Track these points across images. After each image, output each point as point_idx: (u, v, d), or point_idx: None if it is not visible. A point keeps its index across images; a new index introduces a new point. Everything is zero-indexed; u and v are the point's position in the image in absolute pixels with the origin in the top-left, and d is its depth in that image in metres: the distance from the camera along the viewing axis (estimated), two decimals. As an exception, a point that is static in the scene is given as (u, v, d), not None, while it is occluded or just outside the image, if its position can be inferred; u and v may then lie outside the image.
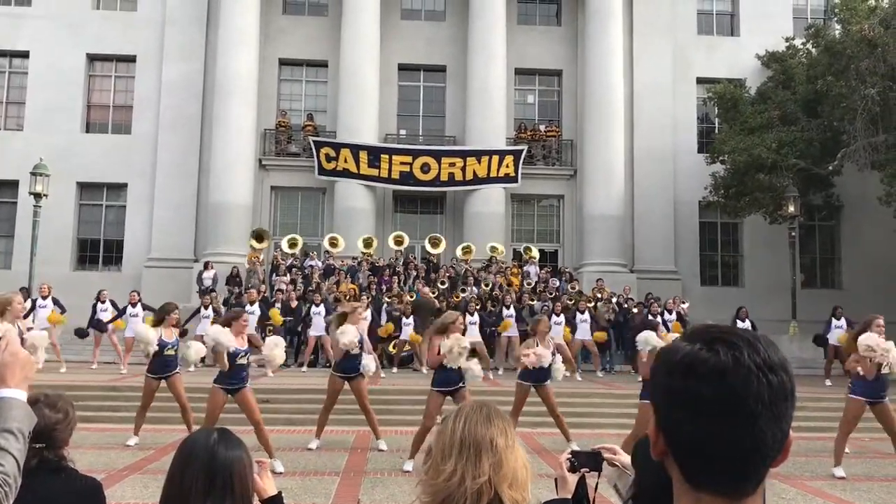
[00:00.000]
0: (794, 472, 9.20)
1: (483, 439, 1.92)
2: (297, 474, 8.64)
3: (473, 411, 2.00)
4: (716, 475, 1.12)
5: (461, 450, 1.91)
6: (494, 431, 1.95)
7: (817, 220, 26.56)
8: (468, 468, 1.88)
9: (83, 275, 24.44)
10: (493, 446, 1.91)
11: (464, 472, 1.88)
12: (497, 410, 2.04)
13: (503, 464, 1.90)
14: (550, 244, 26.48)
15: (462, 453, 1.90)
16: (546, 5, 27.66)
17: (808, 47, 23.72)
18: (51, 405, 2.81)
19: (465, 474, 1.87)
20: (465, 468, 1.88)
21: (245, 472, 2.17)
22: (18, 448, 1.80)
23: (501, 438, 1.94)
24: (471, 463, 1.89)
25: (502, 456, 1.91)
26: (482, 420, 1.97)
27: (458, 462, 1.89)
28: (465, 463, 1.89)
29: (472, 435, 1.92)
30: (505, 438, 1.95)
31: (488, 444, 1.91)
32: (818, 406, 13.56)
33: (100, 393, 13.14)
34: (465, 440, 1.92)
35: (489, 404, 2.07)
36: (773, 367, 1.10)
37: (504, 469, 1.90)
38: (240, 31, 24.25)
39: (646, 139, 25.93)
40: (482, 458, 1.89)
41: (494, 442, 1.92)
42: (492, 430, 1.95)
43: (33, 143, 23.69)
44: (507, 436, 1.96)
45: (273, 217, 25.79)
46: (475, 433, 1.93)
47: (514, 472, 1.92)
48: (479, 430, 1.93)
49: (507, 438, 1.96)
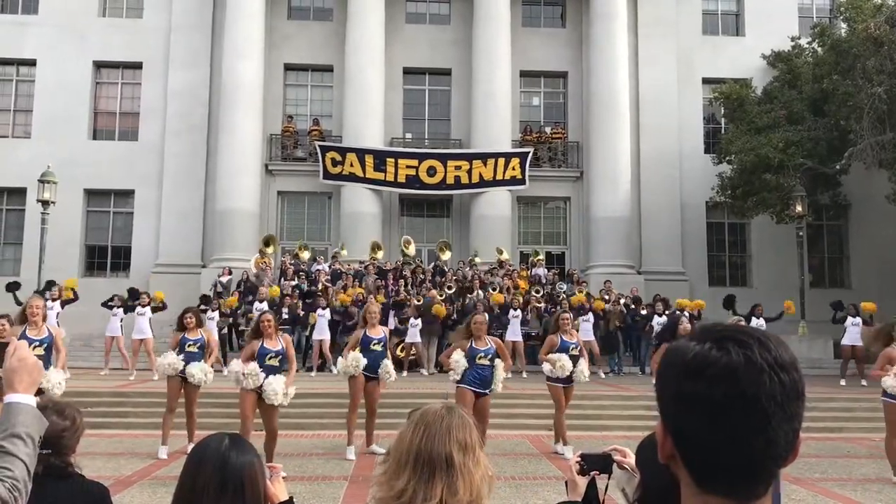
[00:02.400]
0: (805, 472, 9.15)
1: (439, 457, 1.84)
2: (306, 479, 8.64)
3: (434, 421, 1.91)
4: (726, 477, 1.10)
5: (415, 466, 1.84)
6: (452, 446, 1.86)
7: (825, 220, 26.44)
8: (419, 487, 1.81)
9: (91, 281, 24.45)
10: (450, 464, 1.84)
11: (415, 491, 1.81)
12: (461, 418, 1.95)
13: (457, 484, 1.83)
14: (557, 246, 26.44)
15: (416, 470, 1.84)
16: (550, 7, 27.65)
17: (813, 46, 23.66)
18: (59, 412, 2.82)
19: (416, 495, 1.81)
20: (417, 487, 1.81)
21: (256, 478, 2.17)
22: (28, 453, 1.79)
23: (459, 454, 1.86)
24: (423, 482, 1.82)
25: (458, 474, 1.84)
26: (441, 433, 1.88)
27: (412, 479, 1.83)
28: (416, 482, 1.82)
29: (428, 451, 1.85)
30: (464, 454, 1.87)
31: (444, 462, 1.84)
32: (828, 406, 13.50)
33: (108, 399, 13.17)
34: (420, 456, 1.85)
35: (454, 409, 1.99)
36: (785, 366, 1.09)
37: (459, 489, 1.83)
38: (245, 38, 24.31)
39: (652, 140, 25.88)
40: (435, 478, 1.82)
41: (452, 459, 1.84)
42: (450, 444, 1.87)
43: (41, 151, 23.78)
44: (466, 449, 1.88)
45: (280, 222, 25.83)
46: (431, 449, 1.85)
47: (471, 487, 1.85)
48: (435, 446, 1.86)
49: (467, 452, 1.88)
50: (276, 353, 8.91)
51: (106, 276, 25.13)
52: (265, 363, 8.85)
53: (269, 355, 8.87)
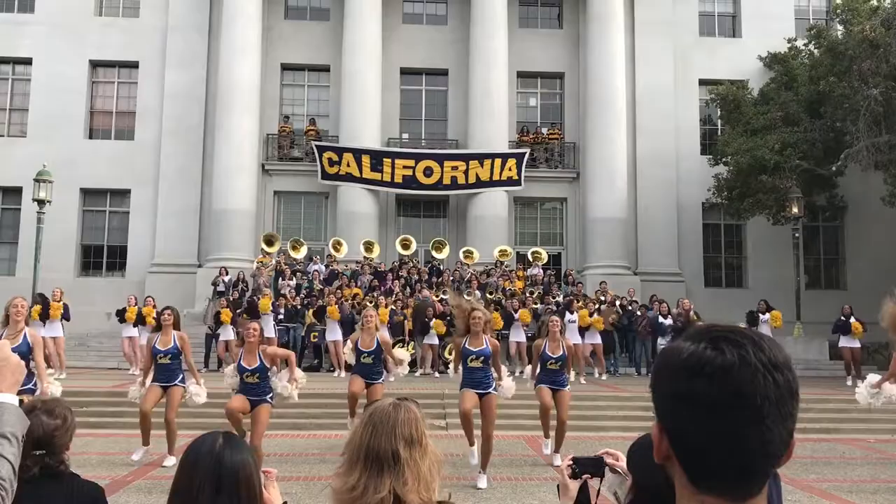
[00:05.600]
0: (800, 474, 9.17)
1: (385, 454, 2.00)
2: (302, 479, 8.63)
3: (382, 420, 2.07)
4: (721, 476, 1.10)
5: (365, 463, 2.00)
6: (398, 443, 2.02)
7: (821, 221, 26.49)
8: (370, 483, 1.98)
9: (87, 281, 24.48)
10: (397, 459, 2.00)
11: (366, 485, 1.97)
12: (407, 413, 2.10)
13: (405, 475, 1.99)
14: (554, 247, 26.45)
15: (366, 466, 2.00)
16: (547, 8, 27.67)
17: (810, 48, 23.70)
18: (48, 411, 2.79)
19: (367, 488, 1.97)
20: (368, 482, 1.98)
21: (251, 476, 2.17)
22: (13, 452, 1.79)
23: (405, 450, 2.02)
24: (373, 477, 1.98)
25: (404, 467, 2.00)
26: (387, 430, 2.04)
27: (362, 475, 1.99)
28: (367, 477, 1.98)
29: (375, 449, 2.01)
30: (409, 448, 2.02)
31: (391, 458, 2.00)
32: (823, 408, 13.53)
33: (104, 399, 13.15)
34: (370, 453, 2.01)
35: (401, 406, 2.13)
36: (779, 366, 1.09)
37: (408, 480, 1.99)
38: (242, 37, 24.30)
39: (648, 141, 25.91)
40: (384, 473, 1.99)
41: (398, 455, 2.00)
42: (395, 441, 2.02)
43: (36, 150, 23.71)
44: (412, 443, 2.04)
45: (276, 222, 25.80)
46: (378, 446, 2.01)
47: (418, 478, 2.00)
48: (382, 443, 2.02)
49: (413, 446, 2.03)
50: (251, 371, 8.54)
51: (102, 276, 25.10)
52: (244, 381, 8.59)
53: (246, 373, 8.55)
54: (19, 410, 1.88)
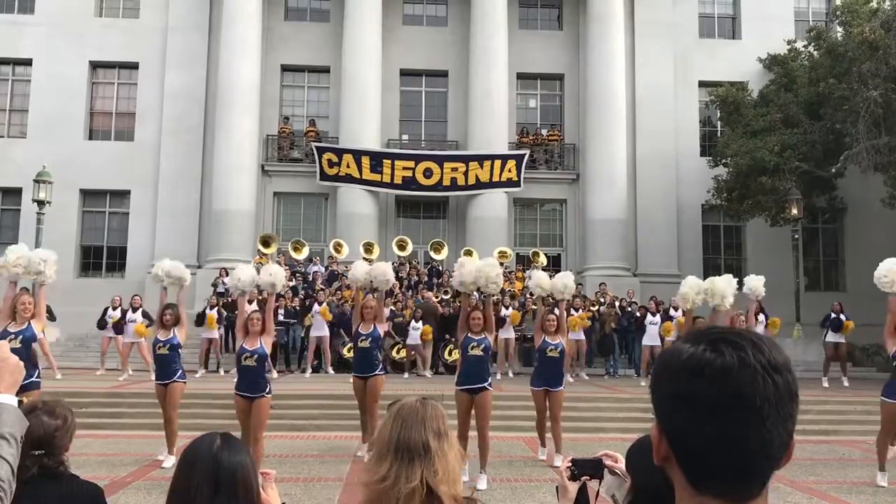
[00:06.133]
0: (799, 475, 9.17)
1: (416, 445, 2.07)
2: (301, 480, 8.63)
3: (411, 414, 2.15)
4: (721, 478, 1.10)
5: (396, 454, 2.07)
6: (428, 435, 2.10)
7: (820, 223, 26.50)
8: (401, 473, 2.04)
9: (87, 282, 24.46)
10: (427, 450, 2.07)
11: (397, 475, 2.03)
12: (434, 409, 2.19)
13: (436, 465, 2.06)
14: (553, 248, 26.44)
15: (396, 457, 2.06)
16: (547, 10, 27.68)
17: (809, 50, 23.71)
18: (49, 412, 2.80)
19: (399, 478, 2.03)
20: (399, 472, 2.04)
21: (249, 477, 2.17)
22: (11, 453, 1.79)
23: (434, 441, 2.10)
24: (404, 467, 2.04)
25: (435, 458, 2.07)
26: (417, 423, 2.12)
27: (393, 466, 2.05)
28: (398, 468, 2.04)
29: (406, 441, 2.08)
30: (438, 440, 2.11)
31: (421, 449, 2.07)
32: (822, 409, 13.54)
33: (103, 400, 13.14)
34: (400, 445, 2.08)
35: (428, 402, 2.22)
36: (778, 368, 1.10)
37: (438, 471, 2.06)
38: (242, 38, 24.30)
39: (648, 142, 25.91)
40: (415, 463, 2.05)
41: (428, 445, 2.08)
42: (426, 433, 2.10)
43: (36, 151, 23.70)
44: (440, 436, 2.12)
45: (276, 223, 25.79)
46: (409, 438, 2.08)
47: (446, 469, 2.08)
48: (412, 436, 2.09)
49: (440, 438, 2.12)
50: (251, 352, 8.64)
51: (101, 277, 25.09)
52: (242, 363, 8.68)
53: (246, 355, 8.63)
54: (18, 411, 1.88)
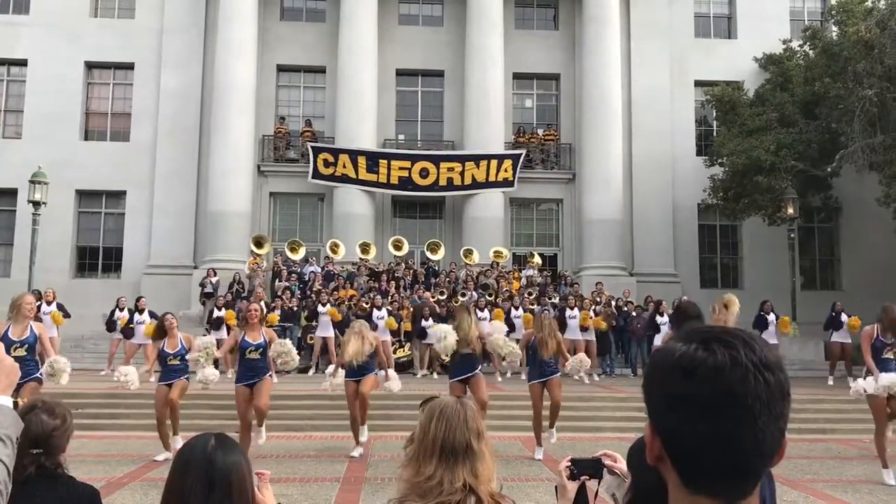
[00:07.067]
0: (796, 474, 9.18)
1: (460, 446, 2.17)
2: (297, 481, 8.62)
3: (454, 414, 2.23)
4: (714, 477, 1.11)
5: (441, 455, 2.16)
6: (470, 435, 2.20)
7: (816, 222, 26.56)
8: (446, 474, 2.13)
9: (82, 282, 24.43)
10: (470, 451, 2.17)
11: (442, 476, 2.13)
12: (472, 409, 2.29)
13: (478, 466, 2.16)
14: (550, 248, 26.47)
15: (442, 459, 2.16)
16: (543, 10, 27.69)
17: (805, 49, 23.76)
18: (48, 411, 2.81)
19: (444, 478, 2.13)
20: (444, 474, 2.13)
21: (244, 478, 2.16)
22: (7, 454, 1.79)
23: (476, 441, 2.19)
24: (449, 469, 2.14)
25: (476, 458, 2.17)
26: (461, 424, 2.21)
27: (438, 468, 2.14)
28: (444, 469, 2.14)
29: (451, 442, 2.17)
30: (478, 440, 2.20)
31: (464, 450, 2.17)
32: (819, 408, 13.55)
33: (100, 401, 13.12)
34: (445, 446, 2.17)
35: (466, 402, 2.31)
36: (770, 366, 1.10)
37: (480, 471, 2.16)
38: (238, 39, 24.27)
39: (644, 142, 25.94)
40: (458, 465, 2.15)
41: (470, 446, 2.18)
42: (468, 434, 2.19)
43: (32, 152, 23.64)
44: (479, 436, 2.22)
45: (272, 223, 25.79)
46: (454, 440, 2.17)
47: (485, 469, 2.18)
48: (457, 437, 2.18)
49: (480, 438, 2.22)
50: (256, 346, 8.78)
51: (97, 278, 25.04)
52: (245, 356, 8.78)
53: (250, 349, 8.75)
54: (14, 413, 1.87)
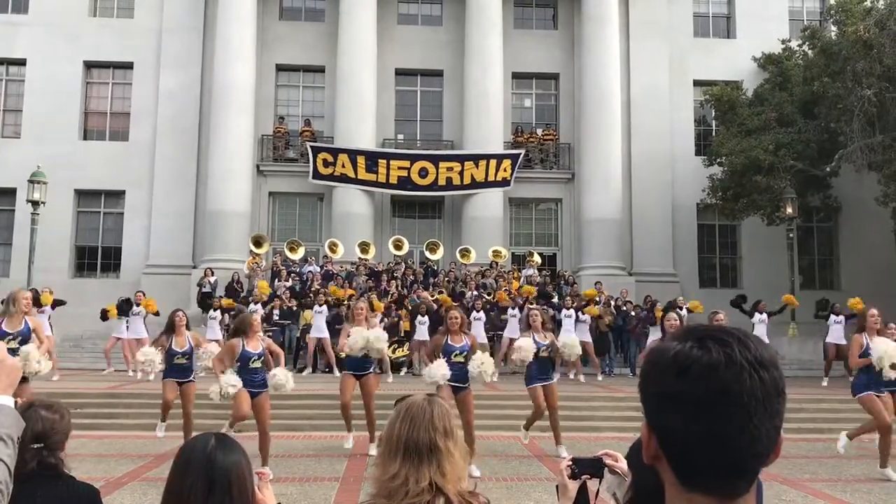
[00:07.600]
0: (794, 473, 9.19)
1: (424, 445, 2.14)
2: (297, 480, 8.62)
3: (419, 413, 2.21)
4: (710, 475, 1.11)
5: (405, 454, 2.14)
6: (436, 435, 2.16)
7: (815, 222, 26.58)
8: (411, 472, 2.12)
9: (81, 282, 24.41)
10: (435, 450, 2.15)
11: (407, 475, 2.11)
12: (440, 407, 2.25)
13: (444, 464, 2.14)
14: (549, 248, 26.47)
15: (406, 458, 2.13)
16: (542, 9, 27.69)
17: (804, 49, 23.77)
18: (47, 407, 2.85)
19: (409, 477, 2.11)
20: (409, 473, 2.12)
21: (244, 478, 2.17)
22: (8, 454, 1.79)
23: (442, 440, 2.16)
24: (413, 468, 2.12)
25: (443, 457, 2.14)
26: (426, 423, 2.18)
27: (402, 466, 2.13)
28: (408, 468, 2.12)
29: (415, 441, 2.15)
30: (445, 439, 2.17)
31: (429, 450, 2.14)
32: (817, 407, 13.57)
33: (99, 400, 13.12)
34: (409, 446, 2.15)
35: (435, 400, 2.29)
36: (765, 364, 1.10)
37: (446, 470, 2.13)
38: (237, 38, 24.27)
39: (643, 142, 25.94)
40: (423, 464, 2.13)
41: (436, 446, 2.15)
42: (433, 434, 2.16)
43: (31, 151, 23.64)
44: (447, 435, 2.19)
45: (271, 223, 25.79)
46: (417, 438, 2.15)
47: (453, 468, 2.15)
48: (421, 436, 2.15)
49: (448, 437, 2.19)
50: (258, 355, 8.88)
51: (96, 277, 25.04)
52: (249, 366, 8.80)
53: (253, 358, 8.82)
54: (15, 412, 1.88)
